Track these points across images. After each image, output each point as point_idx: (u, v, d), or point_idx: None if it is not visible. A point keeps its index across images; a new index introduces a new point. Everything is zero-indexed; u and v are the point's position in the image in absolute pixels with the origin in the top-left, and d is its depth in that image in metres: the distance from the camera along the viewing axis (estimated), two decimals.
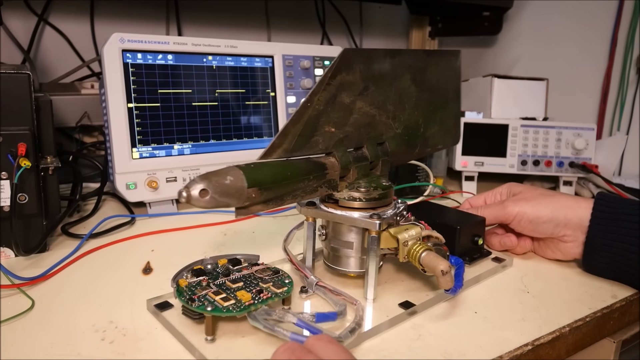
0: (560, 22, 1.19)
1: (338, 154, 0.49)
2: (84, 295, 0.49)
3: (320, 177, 0.48)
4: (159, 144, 0.75)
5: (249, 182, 0.40)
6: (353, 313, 0.44)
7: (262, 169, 0.42)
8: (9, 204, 0.53)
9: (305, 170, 0.46)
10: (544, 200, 0.58)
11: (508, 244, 0.61)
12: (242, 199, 0.41)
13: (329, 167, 0.48)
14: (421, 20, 1.41)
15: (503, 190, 0.65)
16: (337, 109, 0.48)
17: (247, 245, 0.64)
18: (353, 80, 0.49)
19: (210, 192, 0.38)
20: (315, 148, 0.47)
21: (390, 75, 0.54)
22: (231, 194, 0.40)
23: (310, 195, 0.47)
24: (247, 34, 1.21)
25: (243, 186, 0.40)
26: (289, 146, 0.45)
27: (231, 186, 0.39)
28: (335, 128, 0.49)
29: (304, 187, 0.46)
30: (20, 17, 0.94)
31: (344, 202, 0.49)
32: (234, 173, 0.40)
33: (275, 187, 0.43)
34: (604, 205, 0.55)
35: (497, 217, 0.60)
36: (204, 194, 0.38)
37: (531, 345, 0.43)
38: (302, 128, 0.45)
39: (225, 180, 0.39)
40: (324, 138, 0.48)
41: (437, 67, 0.61)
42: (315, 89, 0.45)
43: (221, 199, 0.39)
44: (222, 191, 0.39)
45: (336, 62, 0.46)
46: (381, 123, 0.54)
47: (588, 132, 0.90)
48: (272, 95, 0.85)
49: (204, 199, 0.38)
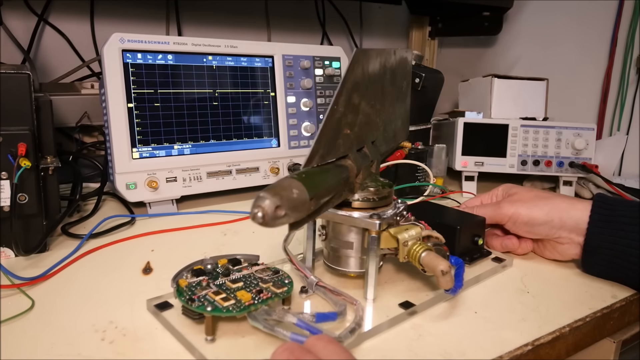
0: (560, 23, 1.19)
1: (352, 156, 0.48)
2: (84, 295, 0.49)
3: (346, 180, 0.47)
4: (159, 144, 0.75)
5: (309, 193, 0.37)
6: (353, 313, 0.44)
7: (314, 178, 0.39)
8: (9, 204, 0.53)
9: (340, 175, 0.45)
10: (540, 202, 0.58)
11: (510, 246, 0.61)
12: (304, 211, 0.37)
13: (350, 169, 0.47)
14: (421, 20, 1.41)
15: (499, 192, 0.65)
16: (351, 111, 0.48)
17: (247, 245, 0.64)
18: (360, 81, 0.49)
19: (284, 209, 0.34)
20: (338, 151, 0.46)
21: (379, 74, 0.54)
22: (299, 208, 0.36)
23: (338, 201, 0.45)
24: (247, 34, 1.21)
25: (307, 198, 0.37)
26: (324, 151, 0.43)
27: (298, 199, 0.36)
28: (350, 130, 0.48)
29: (339, 192, 0.44)
30: (20, 17, 0.94)
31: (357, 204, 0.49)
32: (296, 185, 0.36)
33: (324, 195, 0.41)
34: (602, 208, 0.55)
35: (492, 218, 0.60)
36: (280, 211, 0.34)
37: (531, 345, 0.43)
38: (330, 132, 0.44)
39: (293, 194, 0.35)
40: (344, 141, 0.47)
41: (399, 64, 0.62)
42: (339, 91, 0.44)
43: (293, 215, 0.35)
44: (293, 206, 0.35)
45: (352, 63, 0.46)
46: (373, 122, 0.54)
47: (588, 132, 0.90)
48: (272, 95, 0.85)
49: (280, 219, 0.34)
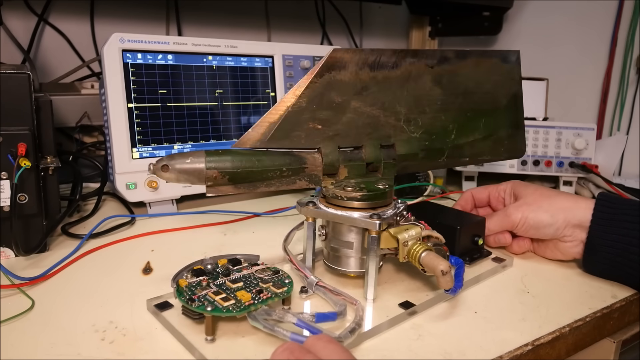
0: (560, 23, 1.19)
1: (324, 151, 0.50)
2: (84, 295, 0.49)
3: (298, 170, 0.50)
4: (159, 144, 0.75)
5: (208, 165, 0.46)
6: (353, 313, 0.44)
7: (225, 155, 0.48)
8: (9, 204, 0.53)
9: (278, 162, 0.50)
10: (544, 204, 0.58)
11: (502, 241, 0.61)
12: (202, 178, 0.47)
13: (309, 162, 0.51)
14: (421, 20, 1.41)
15: (507, 189, 0.65)
16: (325, 107, 0.50)
17: (247, 245, 0.64)
18: (347, 80, 0.49)
19: (170, 168, 0.46)
20: (296, 142, 0.50)
21: (400, 76, 0.52)
22: (190, 173, 0.46)
23: (287, 186, 0.51)
24: (247, 34, 1.21)
25: (201, 168, 0.46)
26: (264, 137, 0.49)
27: (190, 166, 0.46)
28: (322, 125, 0.50)
29: (278, 177, 0.50)
30: (20, 17, 0.94)
31: (341, 202, 0.49)
32: (197, 155, 0.47)
33: (241, 173, 0.48)
34: (604, 206, 0.55)
35: (502, 226, 0.60)
36: (166, 169, 0.46)
37: (531, 345, 0.43)
38: (280, 122, 0.49)
39: (187, 159, 0.46)
40: (307, 134, 0.50)
41: (476, 70, 0.56)
42: (295, 86, 0.48)
43: (181, 175, 0.46)
44: (181, 169, 0.46)
45: (322, 62, 0.47)
46: (388, 125, 0.53)
47: (588, 132, 0.90)
48: (272, 95, 0.85)
49: (165, 173, 0.46)
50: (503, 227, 0.60)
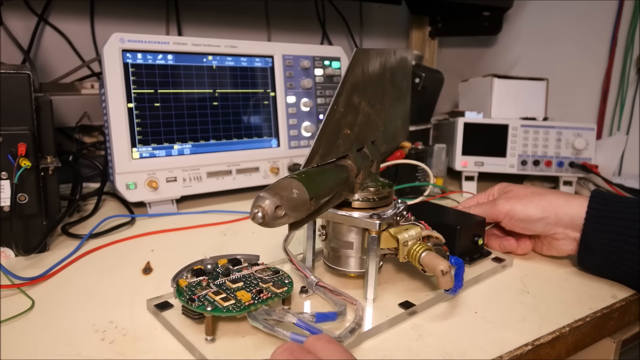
0: (560, 23, 1.19)
1: (352, 156, 0.48)
2: (84, 295, 0.49)
3: (346, 180, 0.46)
4: (159, 144, 0.75)
5: (309, 193, 0.37)
6: (353, 313, 0.44)
7: (314, 178, 0.39)
8: (9, 204, 0.53)
9: (340, 175, 0.45)
10: (535, 199, 0.58)
11: (508, 247, 0.61)
12: (304, 211, 0.37)
13: (349, 169, 0.47)
14: (421, 20, 1.41)
15: (495, 191, 0.65)
16: (351, 111, 0.48)
17: (247, 245, 0.64)
18: (360, 81, 0.49)
19: (284, 209, 0.34)
20: (338, 151, 0.46)
21: (379, 74, 0.54)
22: (299, 208, 0.36)
23: (338, 201, 0.45)
24: (247, 34, 1.21)
25: (307, 198, 0.37)
26: (323, 151, 0.43)
27: (298, 200, 0.36)
28: (350, 130, 0.48)
29: (339, 192, 0.44)
30: (20, 17, 0.94)
31: (357, 204, 0.49)
32: (296, 185, 0.36)
33: (324, 195, 0.41)
34: (599, 204, 0.55)
35: (488, 215, 0.60)
36: (279, 211, 0.34)
37: (531, 345, 0.43)
38: (330, 132, 0.44)
39: (293, 194, 0.35)
40: (343, 141, 0.47)
41: (399, 64, 0.62)
42: (339, 91, 0.44)
43: (293, 215, 0.35)
44: (292, 206, 0.35)
45: (352, 63, 0.46)
46: (373, 122, 0.54)
47: (588, 132, 0.90)
48: (272, 95, 0.85)
49: (280, 219, 0.34)
50: (489, 216, 0.60)
